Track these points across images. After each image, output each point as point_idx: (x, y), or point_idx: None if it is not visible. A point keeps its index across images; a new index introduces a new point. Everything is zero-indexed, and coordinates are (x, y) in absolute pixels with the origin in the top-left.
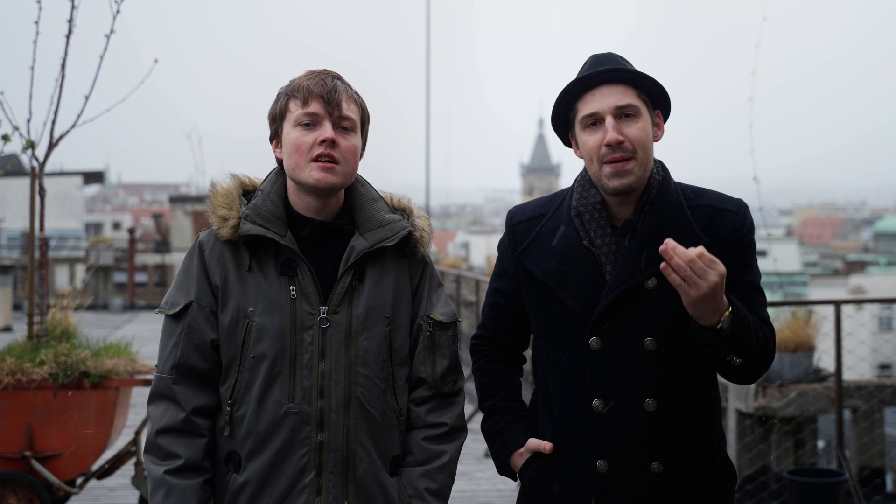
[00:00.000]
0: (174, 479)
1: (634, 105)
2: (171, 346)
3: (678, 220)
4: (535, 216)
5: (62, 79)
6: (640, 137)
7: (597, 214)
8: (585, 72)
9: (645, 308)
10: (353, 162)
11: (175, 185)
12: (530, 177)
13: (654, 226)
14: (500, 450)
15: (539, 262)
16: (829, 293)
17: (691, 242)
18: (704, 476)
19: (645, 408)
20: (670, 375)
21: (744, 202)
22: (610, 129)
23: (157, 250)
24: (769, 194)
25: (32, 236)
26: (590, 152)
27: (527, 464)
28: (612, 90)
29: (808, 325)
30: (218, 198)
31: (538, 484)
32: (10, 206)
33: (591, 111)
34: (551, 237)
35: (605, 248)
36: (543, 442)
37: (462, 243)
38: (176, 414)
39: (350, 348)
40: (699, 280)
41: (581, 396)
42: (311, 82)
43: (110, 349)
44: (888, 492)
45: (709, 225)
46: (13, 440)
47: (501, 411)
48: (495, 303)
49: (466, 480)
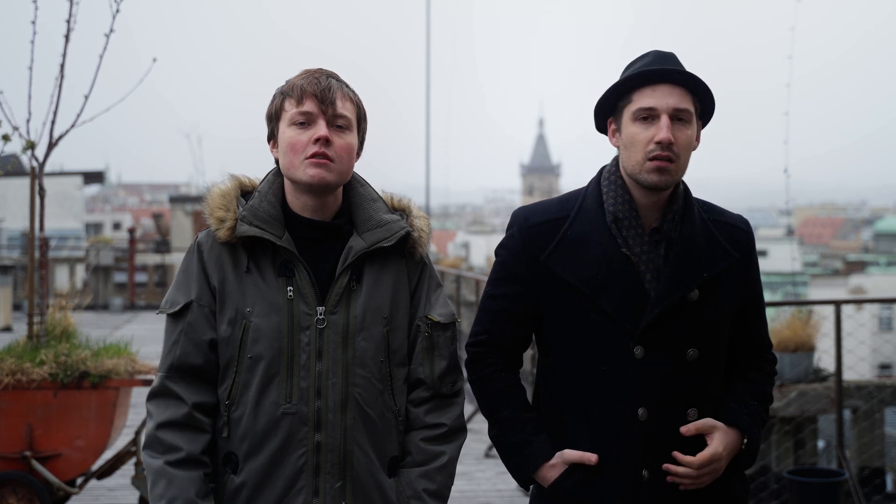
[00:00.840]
0: (175, 469)
1: (689, 111)
2: (171, 344)
3: (705, 233)
4: (555, 218)
5: (62, 79)
6: (686, 144)
7: (634, 222)
8: (648, 66)
9: (688, 320)
10: (348, 160)
11: (175, 185)
12: (530, 177)
13: (690, 238)
14: (525, 462)
15: (572, 267)
16: (829, 293)
17: (722, 255)
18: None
19: (688, 417)
20: (710, 385)
21: (748, 221)
22: (664, 129)
23: (157, 250)
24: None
25: (32, 236)
26: (636, 144)
27: (564, 476)
28: (674, 91)
29: (808, 325)
30: (215, 199)
31: (581, 496)
32: (10, 206)
33: (648, 105)
34: (582, 241)
35: (644, 257)
36: (586, 454)
37: (462, 243)
38: (178, 409)
39: (347, 349)
40: (705, 477)
41: (624, 405)
42: (305, 81)
43: (110, 349)
44: (888, 492)
45: (730, 240)
46: (13, 440)
47: (520, 422)
48: (501, 308)
49: (466, 480)
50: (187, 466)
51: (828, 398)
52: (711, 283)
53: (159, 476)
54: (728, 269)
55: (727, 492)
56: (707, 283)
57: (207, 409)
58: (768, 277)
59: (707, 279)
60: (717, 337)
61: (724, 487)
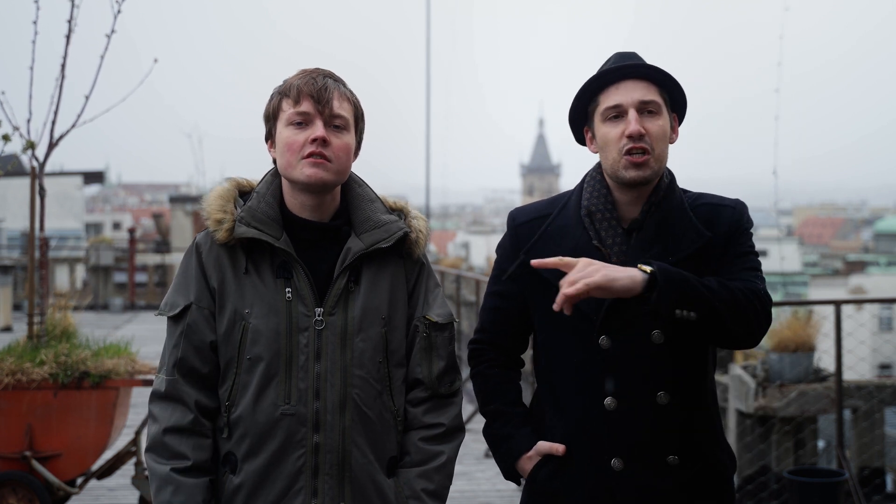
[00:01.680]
0: (182, 477)
1: (657, 102)
2: (172, 347)
3: (680, 218)
4: (539, 217)
5: (62, 79)
6: (659, 134)
7: (608, 215)
8: (610, 66)
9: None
10: (345, 160)
11: (175, 186)
12: (530, 177)
13: (658, 224)
14: (507, 454)
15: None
16: (829, 293)
17: (693, 237)
18: (714, 465)
19: (658, 401)
20: (678, 367)
21: (742, 201)
22: (633, 122)
23: (157, 250)
24: (769, 194)
25: (32, 236)
26: (609, 143)
27: (537, 467)
28: (637, 85)
29: (809, 325)
30: (213, 201)
31: (550, 487)
32: (10, 206)
33: (614, 103)
34: (557, 237)
35: (615, 248)
36: (555, 444)
37: (462, 243)
38: (183, 415)
39: (346, 350)
40: (588, 278)
41: (592, 396)
42: (301, 81)
43: (110, 349)
44: (888, 492)
45: (708, 221)
46: (13, 440)
47: (506, 416)
48: (495, 305)
49: (466, 480)
50: (194, 474)
51: (828, 398)
52: (680, 266)
53: (166, 483)
54: (702, 251)
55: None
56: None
57: (210, 413)
58: (768, 277)
59: (672, 263)
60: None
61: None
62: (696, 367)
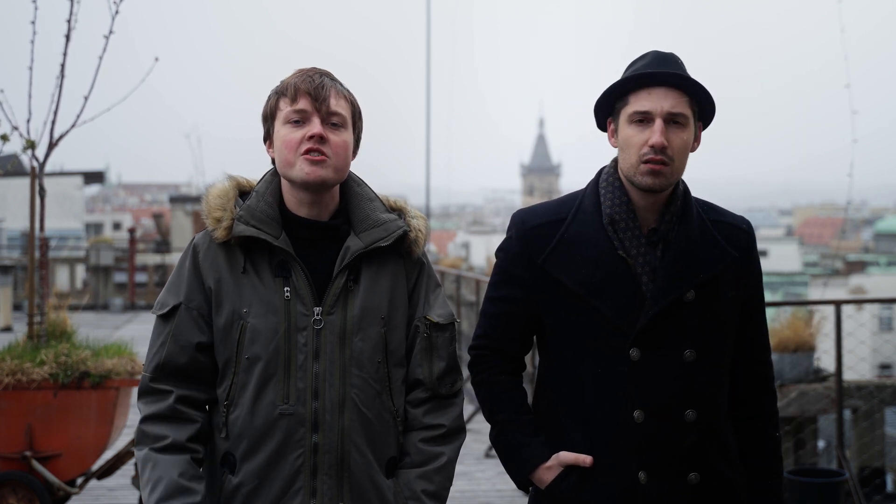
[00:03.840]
0: (159, 454)
1: (685, 115)
2: (158, 345)
3: (705, 234)
4: (552, 221)
5: (62, 79)
6: (681, 147)
7: (631, 224)
8: (646, 68)
9: (684, 321)
10: (343, 157)
11: (175, 185)
12: (530, 177)
13: (687, 239)
14: (522, 464)
15: (569, 270)
16: (829, 293)
17: (718, 255)
18: (729, 483)
19: (685, 419)
20: (707, 386)
21: (749, 221)
22: (657, 133)
23: (157, 250)
24: (769, 195)
25: (32, 236)
26: (631, 146)
27: (560, 478)
28: (669, 94)
29: (809, 326)
30: (213, 199)
31: (576, 498)
32: (10, 206)
33: (643, 109)
34: (578, 244)
35: (640, 259)
36: (581, 455)
37: (462, 243)
38: (162, 403)
39: (344, 349)
40: None
41: (621, 408)
42: (298, 80)
43: (110, 349)
44: (888, 492)
45: (729, 240)
46: (13, 440)
47: (517, 424)
48: (501, 311)
49: (466, 480)
50: (172, 451)
51: (828, 398)
52: (709, 283)
53: (145, 462)
54: (727, 269)
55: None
56: (705, 284)
57: (194, 403)
58: (768, 277)
59: (704, 280)
60: (717, 337)
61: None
62: (720, 386)
